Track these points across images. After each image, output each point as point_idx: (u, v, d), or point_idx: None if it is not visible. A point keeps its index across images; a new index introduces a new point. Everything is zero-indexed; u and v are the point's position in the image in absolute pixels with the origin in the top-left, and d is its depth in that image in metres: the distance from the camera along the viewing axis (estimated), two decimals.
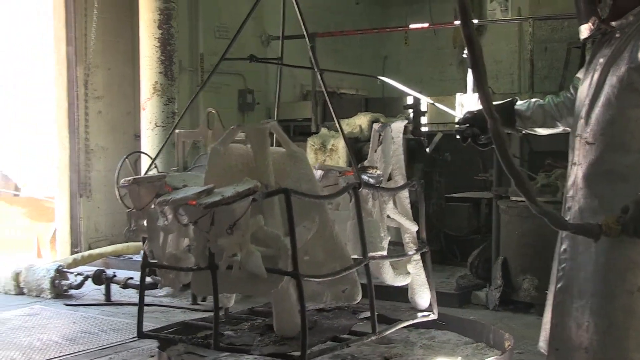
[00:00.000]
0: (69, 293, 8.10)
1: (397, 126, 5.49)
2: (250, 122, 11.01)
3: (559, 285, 3.68)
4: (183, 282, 4.70)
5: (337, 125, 4.96)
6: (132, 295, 7.85)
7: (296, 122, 10.81)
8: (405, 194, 5.44)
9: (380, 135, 5.54)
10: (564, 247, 3.68)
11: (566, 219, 3.56)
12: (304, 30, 5.31)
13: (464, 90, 11.59)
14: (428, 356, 5.38)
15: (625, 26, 3.57)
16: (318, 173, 5.33)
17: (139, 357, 5.72)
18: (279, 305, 4.71)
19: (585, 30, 3.74)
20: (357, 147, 8.98)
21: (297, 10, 5.30)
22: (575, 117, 3.78)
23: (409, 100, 9.30)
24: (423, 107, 9.43)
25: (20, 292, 8.27)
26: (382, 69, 14.59)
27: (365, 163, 5.59)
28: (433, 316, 5.43)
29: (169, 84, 9.68)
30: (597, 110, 3.60)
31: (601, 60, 3.65)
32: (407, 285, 5.54)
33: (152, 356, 5.43)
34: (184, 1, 10.62)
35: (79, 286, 8.12)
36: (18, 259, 9.41)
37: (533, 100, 4.12)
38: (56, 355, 5.98)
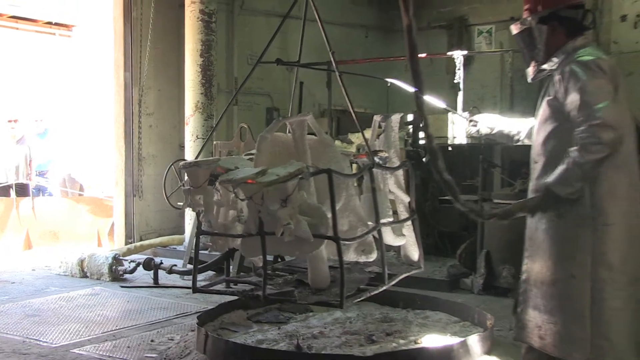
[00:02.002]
0: (124, 277, 8.15)
1: (396, 118, 5.69)
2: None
3: (523, 278, 3.92)
4: (230, 247, 4.93)
5: (349, 104, 5.07)
6: (176, 279, 7.87)
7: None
8: (400, 172, 5.63)
9: (380, 125, 5.74)
10: (525, 247, 3.93)
11: None
12: (325, 40, 5.64)
13: (454, 109, 11.58)
14: (423, 332, 5.35)
15: (553, 65, 3.83)
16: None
17: (182, 332, 5.73)
18: (314, 263, 4.87)
19: (530, 74, 4.05)
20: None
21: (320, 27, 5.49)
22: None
23: (409, 117, 9.25)
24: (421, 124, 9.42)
25: (84, 275, 8.33)
26: (387, 91, 14.56)
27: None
28: (422, 269, 5.63)
29: (208, 103, 9.72)
30: (536, 134, 3.96)
31: (541, 93, 3.93)
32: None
33: (192, 330, 5.41)
34: (222, 34, 10.64)
35: (132, 271, 8.18)
36: (82, 248, 9.44)
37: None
38: (113, 329, 6.00)
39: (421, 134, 9.45)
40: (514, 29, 4.16)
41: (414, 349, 4.87)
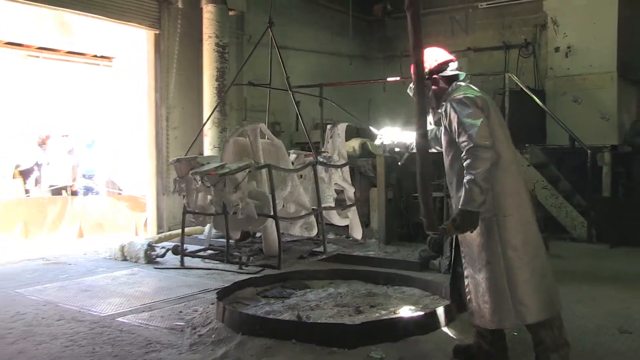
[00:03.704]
0: (156, 260, 8.11)
1: (342, 126, 6.21)
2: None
3: (465, 274, 4.06)
4: (208, 223, 5.52)
5: (300, 118, 6.32)
6: (199, 263, 7.83)
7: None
8: (346, 169, 6.15)
9: (331, 132, 6.26)
10: (461, 250, 4.10)
11: None
12: (282, 66, 6.47)
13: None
14: (401, 304, 5.37)
15: (443, 110, 4.04)
16: (293, 156, 6.15)
17: (204, 305, 5.71)
18: (266, 236, 5.29)
19: (432, 119, 4.32)
20: (352, 162, 8.93)
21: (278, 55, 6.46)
22: None
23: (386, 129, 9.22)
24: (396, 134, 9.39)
25: (124, 259, 8.30)
26: (368, 108, 14.60)
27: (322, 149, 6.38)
28: (363, 242, 6.38)
29: (223, 119, 9.72)
30: (445, 160, 4.13)
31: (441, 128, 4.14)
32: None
33: (212, 304, 5.41)
34: (233, 62, 10.61)
35: (162, 256, 8.16)
36: (123, 237, 9.42)
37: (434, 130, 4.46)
38: (149, 302, 6.01)
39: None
40: (410, 92, 4.25)
41: (394, 318, 4.90)
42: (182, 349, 4.48)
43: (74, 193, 11.94)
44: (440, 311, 4.79)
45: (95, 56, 13.41)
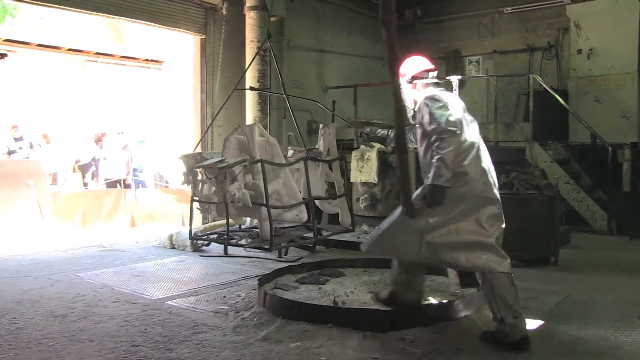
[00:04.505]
0: (202, 249, 8.14)
1: (332, 126, 6.63)
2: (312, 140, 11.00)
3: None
4: (212, 211, 5.76)
5: (293, 117, 6.50)
6: (241, 251, 7.87)
7: (344, 141, 10.68)
8: (336, 164, 6.44)
9: (322, 131, 6.61)
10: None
11: None
12: (278, 72, 6.35)
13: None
14: (431, 292, 5.29)
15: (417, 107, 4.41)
16: (290, 152, 6.64)
17: (246, 290, 5.72)
18: (261, 222, 5.59)
19: (410, 116, 4.57)
20: (384, 158, 8.85)
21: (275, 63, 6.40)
22: None
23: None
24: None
25: (172, 247, 8.37)
26: None
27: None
28: (353, 230, 6.43)
29: (263, 117, 9.70)
30: (420, 151, 4.41)
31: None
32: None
33: (254, 289, 5.41)
34: (273, 65, 10.61)
35: (207, 244, 8.18)
36: (171, 227, 9.50)
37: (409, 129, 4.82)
38: (195, 287, 6.03)
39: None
40: (406, 100, 4.57)
41: (425, 304, 4.82)
42: (227, 331, 4.50)
43: (127, 186, 12.10)
44: (469, 298, 4.72)
45: (147, 60, 13.60)
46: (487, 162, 4.31)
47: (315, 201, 5.95)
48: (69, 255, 7.77)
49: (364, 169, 8.72)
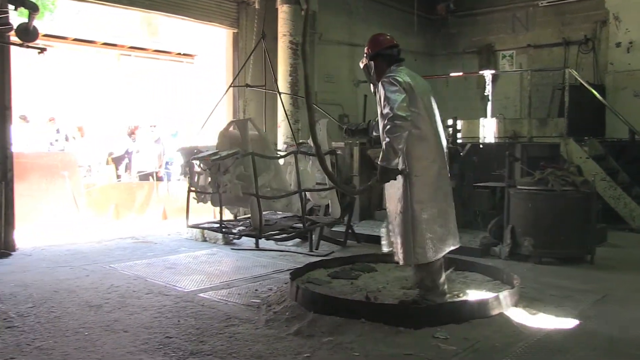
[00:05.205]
0: (233, 242, 8.20)
1: (323, 121, 6.63)
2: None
3: (389, 220, 4.84)
4: (207, 200, 5.90)
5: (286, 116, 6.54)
6: (272, 245, 7.89)
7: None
8: (327, 158, 6.27)
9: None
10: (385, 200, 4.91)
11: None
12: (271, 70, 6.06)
13: (484, 116, 11.30)
14: (464, 288, 5.24)
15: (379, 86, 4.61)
16: (284, 146, 7.03)
17: (278, 284, 5.74)
18: (252, 212, 5.64)
19: (373, 91, 4.84)
20: None
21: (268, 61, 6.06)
22: None
23: (449, 122, 9.03)
24: (458, 126, 9.19)
25: (204, 239, 8.43)
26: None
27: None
28: (340, 221, 6.63)
29: (295, 111, 9.73)
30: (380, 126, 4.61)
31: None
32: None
33: (286, 283, 5.42)
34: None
35: (239, 237, 8.19)
36: (202, 220, 9.51)
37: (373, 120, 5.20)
38: (227, 280, 6.07)
39: (458, 134, 9.27)
40: (361, 64, 4.95)
41: (458, 301, 4.78)
42: (259, 324, 4.51)
43: (159, 179, 12.22)
44: (503, 295, 4.66)
45: (179, 54, 13.68)
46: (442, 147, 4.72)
47: (307, 193, 6.22)
48: (103, 247, 7.89)
49: None
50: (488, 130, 9.89)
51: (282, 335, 4.23)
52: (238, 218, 7.06)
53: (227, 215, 10.19)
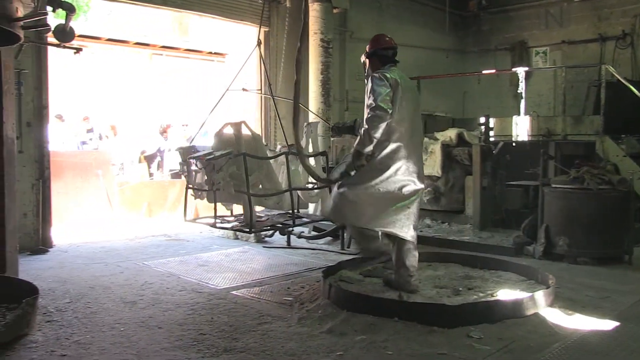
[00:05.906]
0: (265, 240, 8.25)
1: (314, 123, 7.08)
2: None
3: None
4: (204, 197, 6.15)
5: (277, 117, 5.52)
6: (303, 243, 7.91)
7: None
8: (318, 159, 6.81)
9: (306, 129, 7.08)
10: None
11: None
12: (266, 74, 6.12)
13: (517, 113, 11.16)
14: (498, 288, 5.19)
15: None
16: (279, 147, 7.44)
17: (310, 282, 5.76)
18: (245, 209, 5.95)
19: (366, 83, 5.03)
20: (448, 151, 8.72)
21: (264, 67, 6.10)
22: None
23: (482, 120, 8.94)
24: (490, 124, 9.11)
25: (236, 237, 8.50)
26: (463, 100, 14.23)
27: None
28: (328, 218, 6.48)
29: (327, 109, 9.73)
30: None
31: None
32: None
33: (318, 281, 5.43)
34: (336, 57, 10.63)
35: (271, 235, 8.28)
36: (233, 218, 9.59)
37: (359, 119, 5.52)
38: (259, 278, 6.11)
39: (491, 133, 9.17)
40: (361, 59, 5.31)
41: (492, 301, 4.74)
42: (291, 322, 4.52)
43: None
44: (538, 295, 4.60)
45: (210, 53, 13.79)
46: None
47: (298, 192, 6.50)
48: (136, 244, 8.01)
49: (428, 162, 8.62)
50: (521, 128, 9.76)
51: (315, 333, 4.23)
52: (235, 214, 7.23)
53: (233, 212, 10.30)
